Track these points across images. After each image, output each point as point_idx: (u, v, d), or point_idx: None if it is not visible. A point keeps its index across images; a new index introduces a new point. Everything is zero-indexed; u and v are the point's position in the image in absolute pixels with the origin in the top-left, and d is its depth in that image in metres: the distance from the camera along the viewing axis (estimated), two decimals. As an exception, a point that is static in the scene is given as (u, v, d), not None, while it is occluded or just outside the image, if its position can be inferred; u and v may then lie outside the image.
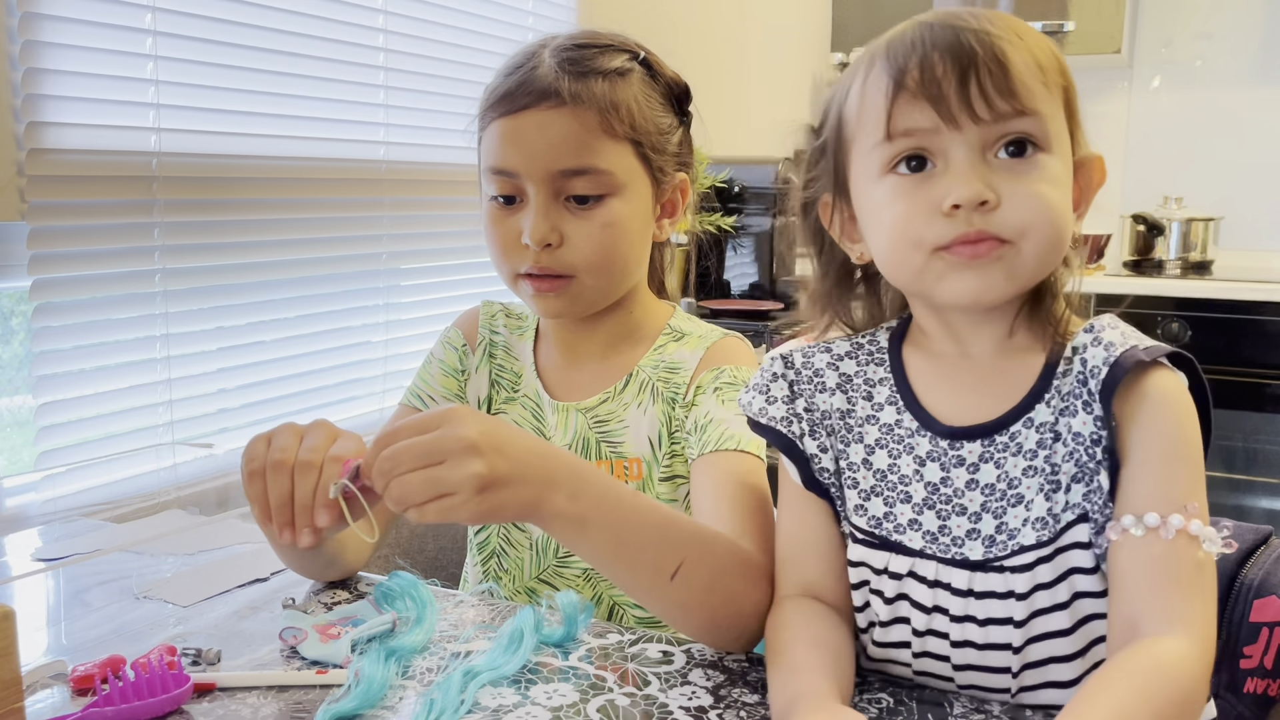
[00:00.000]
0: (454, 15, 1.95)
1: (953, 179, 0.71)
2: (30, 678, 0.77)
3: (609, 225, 0.94)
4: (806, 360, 0.84)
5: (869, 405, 0.81)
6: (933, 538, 0.76)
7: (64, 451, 1.35)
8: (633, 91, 0.95)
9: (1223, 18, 3.24)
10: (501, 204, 0.96)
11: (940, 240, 0.71)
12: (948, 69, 0.70)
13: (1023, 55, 0.71)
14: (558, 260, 0.93)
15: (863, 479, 0.79)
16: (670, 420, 0.98)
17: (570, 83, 0.92)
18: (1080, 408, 0.72)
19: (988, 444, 0.75)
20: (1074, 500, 0.72)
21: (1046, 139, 0.72)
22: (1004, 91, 0.70)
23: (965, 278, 0.72)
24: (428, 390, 1.05)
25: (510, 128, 0.93)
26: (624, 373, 1.01)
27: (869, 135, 0.75)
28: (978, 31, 0.71)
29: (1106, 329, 0.73)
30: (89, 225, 1.35)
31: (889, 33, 0.76)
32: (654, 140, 0.97)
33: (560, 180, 0.93)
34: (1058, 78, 0.73)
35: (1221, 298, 2.75)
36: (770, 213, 2.50)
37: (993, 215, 0.70)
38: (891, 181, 0.74)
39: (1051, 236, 0.71)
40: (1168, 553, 0.67)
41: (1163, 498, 0.68)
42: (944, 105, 0.70)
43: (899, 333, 0.83)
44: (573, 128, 0.92)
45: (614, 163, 0.94)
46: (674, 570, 0.76)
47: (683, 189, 1.02)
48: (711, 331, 1.03)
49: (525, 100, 0.93)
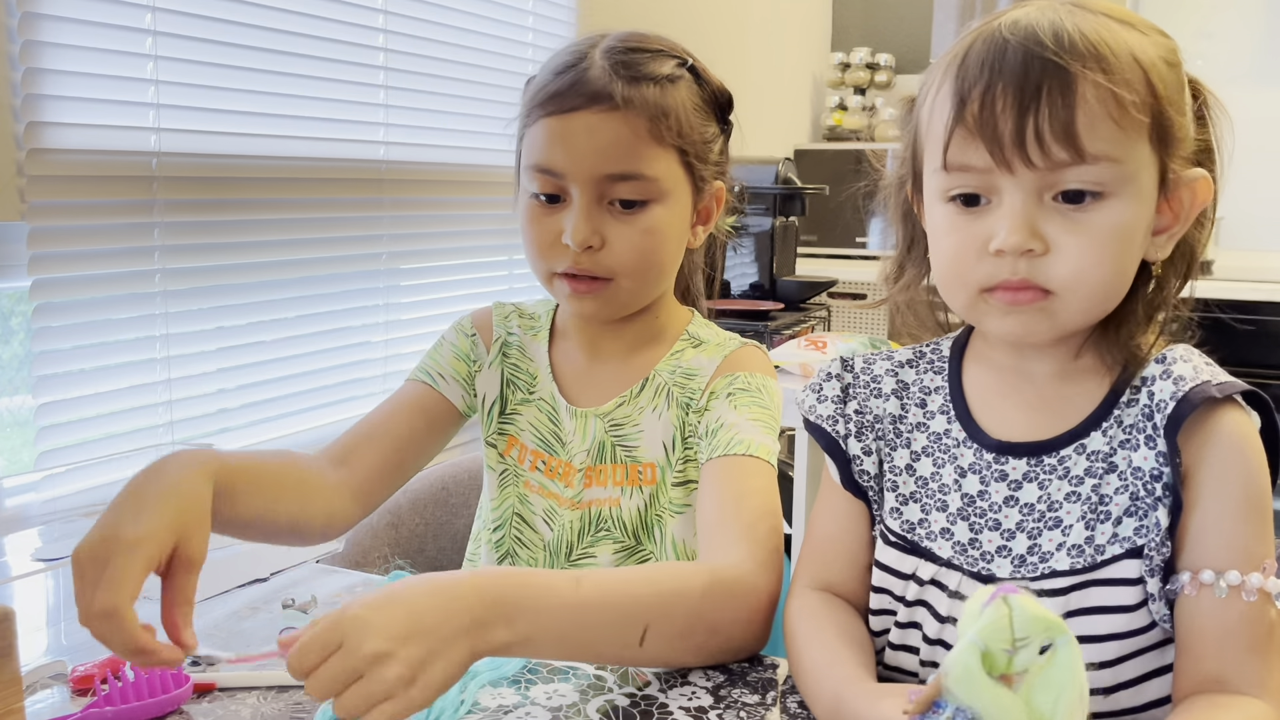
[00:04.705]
0: (454, 15, 1.95)
1: (1001, 221, 0.68)
2: (30, 678, 0.77)
3: (650, 231, 0.93)
4: (866, 365, 0.84)
5: (921, 412, 0.81)
6: (962, 549, 0.75)
7: (64, 451, 1.35)
8: (681, 99, 0.94)
9: (1223, 18, 3.24)
10: (543, 202, 0.95)
11: (985, 282, 0.70)
12: (1008, 105, 0.66)
13: (1098, 89, 0.65)
14: (597, 263, 0.93)
15: (903, 483, 0.79)
16: (685, 426, 0.98)
17: (623, 87, 0.91)
18: (1143, 442, 0.71)
19: (1034, 463, 0.74)
20: (1124, 534, 0.71)
21: (1114, 183, 0.67)
22: (1064, 138, 0.65)
23: (1006, 322, 0.71)
24: (438, 369, 1.04)
25: (559, 128, 0.92)
26: (641, 376, 1.01)
27: (933, 156, 0.72)
28: (1055, 54, 0.66)
29: (1179, 361, 0.72)
30: (89, 225, 1.35)
31: (976, 31, 0.71)
32: (698, 149, 0.96)
33: (606, 184, 0.92)
34: (1144, 108, 0.67)
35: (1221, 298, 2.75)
36: (770, 213, 2.49)
37: (1039, 263, 0.68)
38: (947, 211, 0.72)
39: (1100, 291, 0.69)
40: (1249, 614, 0.67)
41: (1241, 554, 0.68)
42: (999, 148, 0.67)
43: (961, 342, 0.83)
44: (622, 133, 0.91)
45: (660, 170, 0.93)
46: (640, 637, 0.74)
47: (718, 197, 1.02)
48: (730, 340, 1.03)
49: (576, 101, 0.91)
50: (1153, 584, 0.69)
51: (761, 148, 3.23)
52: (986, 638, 0.51)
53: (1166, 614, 0.70)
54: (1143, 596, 0.70)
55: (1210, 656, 0.68)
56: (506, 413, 1.05)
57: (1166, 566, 0.69)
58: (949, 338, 0.84)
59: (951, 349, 0.83)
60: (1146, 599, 0.70)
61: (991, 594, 0.52)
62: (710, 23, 2.95)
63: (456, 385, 1.03)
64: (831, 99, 3.79)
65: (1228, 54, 3.23)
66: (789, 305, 2.46)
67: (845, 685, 0.69)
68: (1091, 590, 0.70)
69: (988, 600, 0.52)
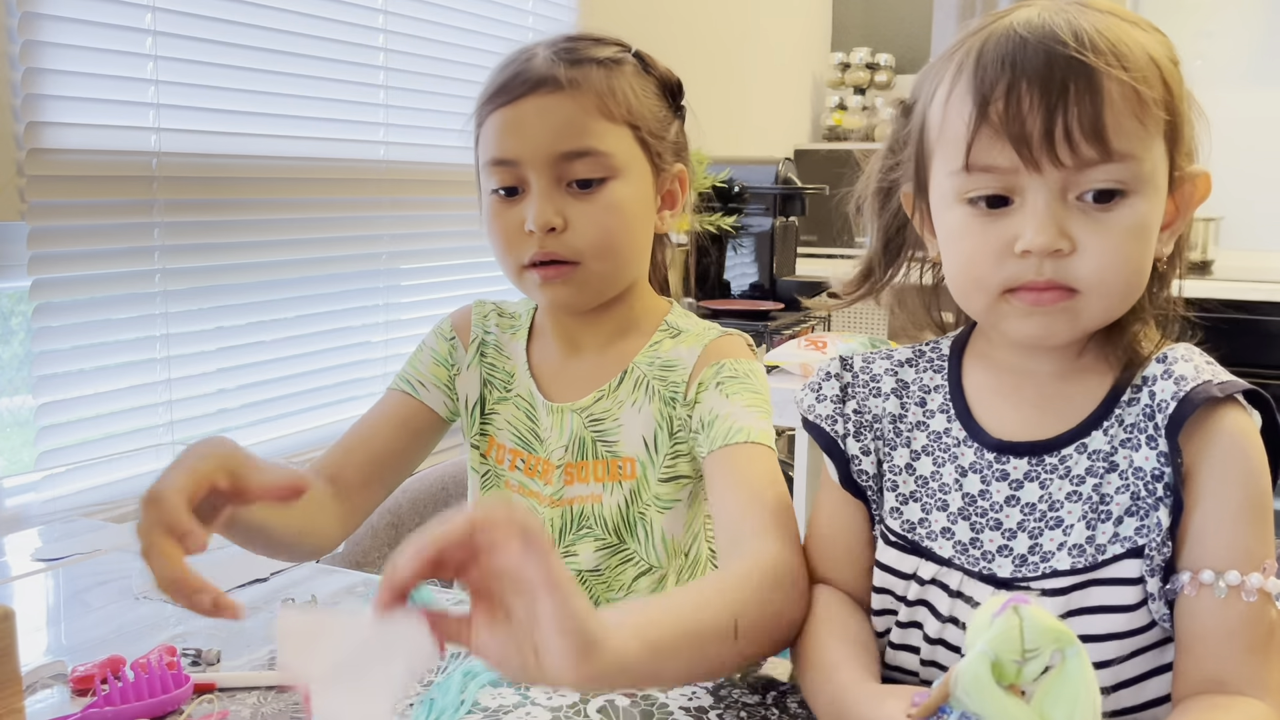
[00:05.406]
0: (454, 15, 1.95)
1: (1027, 221, 0.67)
2: (30, 678, 0.77)
3: (611, 208, 0.94)
4: (865, 364, 0.84)
5: (921, 411, 0.81)
6: (963, 548, 0.75)
7: (64, 451, 1.35)
8: (627, 79, 0.96)
9: (1223, 18, 3.24)
10: (502, 196, 0.95)
11: (1007, 283, 0.69)
12: (1034, 103, 0.65)
13: (1122, 85, 0.65)
14: (563, 245, 0.93)
15: (902, 483, 0.79)
16: (671, 420, 0.98)
17: (566, 69, 0.93)
18: (1144, 442, 0.71)
19: (1035, 463, 0.74)
20: (1125, 534, 0.70)
21: (1136, 181, 0.67)
22: (1092, 136, 0.65)
23: (1028, 323, 0.70)
24: (418, 377, 1.04)
25: (509, 117, 0.93)
26: (619, 369, 1.00)
27: (948, 158, 0.71)
28: (1077, 51, 0.65)
29: (1180, 360, 0.71)
30: (89, 225, 1.35)
31: (987, 29, 0.70)
32: (651, 126, 0.97)
33: (561, 164, 0.92)
34: (1161, 105, 0.67)
35: (1221, 298, 2.75)
36: (770, 213, 2.49)
37: (1065, 263, 0.67)
38: (965, 213, 0.71)
39: (1123, 290, 0.69)
40: (1249, 614, 0.67)
41: (1242, 554, 0.68)
42: (1026, 147, 0.66)
43: (961, 341, 0.83)
44: (572, 111, 0.92)
45: (613, 145, 0.94)
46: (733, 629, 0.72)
47: (681, 180, 1.02)
48: (709, 329, 1.02)
49: (522, 89, 0.93)
50: (1153, 584, 0.69)
51: (761, 148, 3.23)
52: (997, 647, 0.51)
53: (1166, 614, 0.69)
54: (1143, 596, 0.70)
55: (1210, 657, 0.67)
56: (486, 413, 1.05)
57: (1167, 566, 0.69)
58: (949, 336, 0.84)
59: (951, 348, 0.83)
60: (1146, 599, 0.70)
61: (1003, 604, 0.52)
62: (711, 23, 2.95)
63: (437, 392, 1.03)
64: (831, 99, 3.79)
65: (1227, 54, 3.23)
66: (789, 305, 2.46)
67: (847, 685, 0.69)
68: (1092, 590, 0.70)
69: (999, 610, 0.52)
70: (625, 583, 0.99)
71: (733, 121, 3.08)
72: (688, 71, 1.07)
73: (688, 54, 2.74)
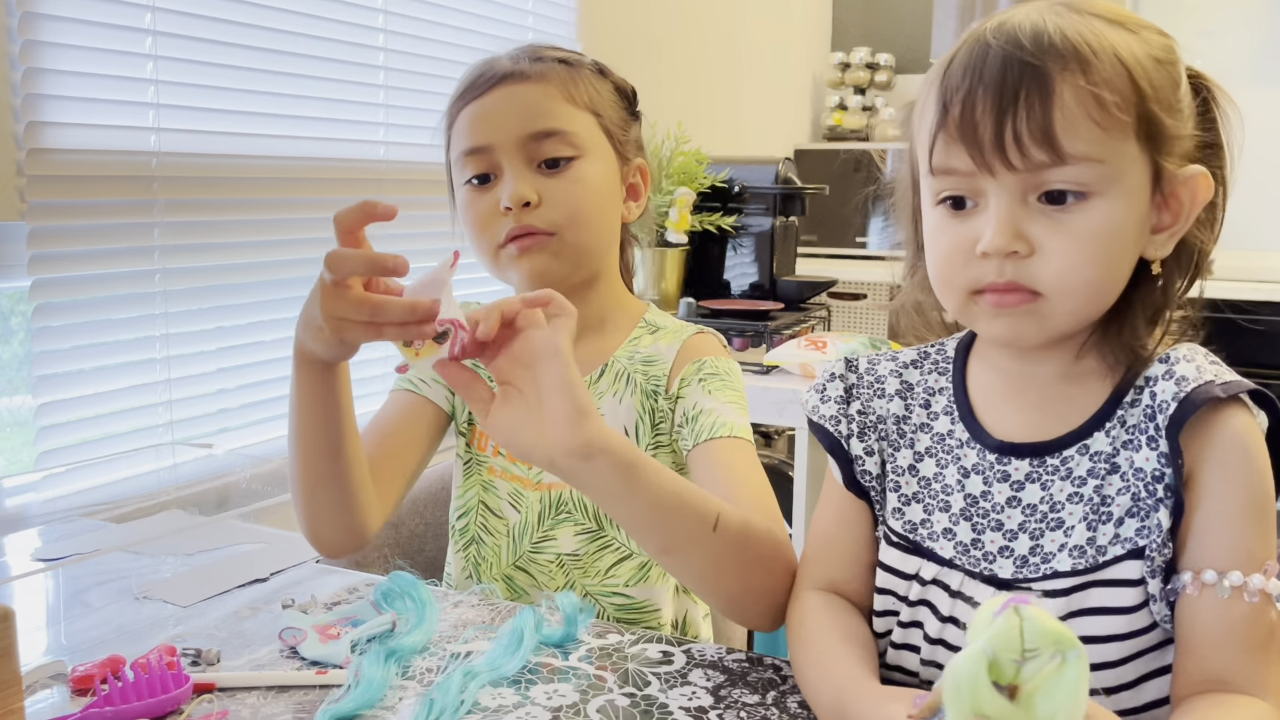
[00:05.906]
0: (454, 15, 1.95)
1: (985, 224, 0.69)
2: (30, 678, 0.77)
3: (580, 181, 0.98)
4: (870, 366, 0.84)
5: (925, 413, 0.81)
6: (964, 549, 0.75)
7: (64, 451, 1.35)
8: (587, 77, 1.02)
9: (1223, 18, 3.24)
10: (475, 186, 1.00)
11: (972, 284, 0.70)
12: (987, 109, 0.66)
13: (1077, 90, 0.65)
14: (538, 217, 0.97)
15: (905, 484, 0.79)
16: (654, 413, 1.01)
17: (530, 64, 0.99)
18: (1145, 443, 0.71)
19: (1036, 464, 0.74)
20: (1125, 535, 0.70)
21: (1099, 183, 0.67)
22: (1042, 139, 0.65)
23: (996, 325, 0.71)
24: (417, 375, 1.05)
25: (477, 108, 0.98)
26: (600, 362, 1.03)
27: (923, 161, 0.73)
28: (1033, 56, 0.66)
29: (1182, 361, 0.71)
30: (89, 225, 1.35)
31: (967, 36, 0.72)
32: (613, 118, 1.03)
33: (531, 146, 0.97)
34: (1127, 107, 0.66)
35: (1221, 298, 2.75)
36: (770, 212, 2.49)
37: (1024, 265, 0.68)
38: (939, 213, 0.73)
39: (1087, 291, 0.69)
40: (1251, 615, 0.67)
41: (1243, 555, 0.68)
42: (979, 151, 0.67)
43: (966, 343, 0.83)
44: (538, 95, 0.98)
45: (579, 127, 0.99)
46: (714, 520, 0.77)
47: (643, 173, 1.07)
48: (685, 327, 1.07)
49: (489, 84, 0.98)
50: (1154, 585, 0.69)
51: (761, 148, 3.23)
52: (996, 646, 0.51)
53: (1167, 615, 0.69)
54: (1144, 597, 0.70)
55: (1211, 657, 0.68)
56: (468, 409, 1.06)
57: (1168, 567, 0.69)
58: (954, 338, 0.84)
59: (956, 350, 0.83)
60: (1147, 600, 0.70)
61: (1004, 603, 0.52)
62: (711, 23, 2.95)
63: (437, 386, 1.05)
64: (831, 99, 3.79)
65: (1228, 54, 3.23)
66: (789, 305, 2.46)
67: (848, 686, 0.69)
68: (1093, 591, 0.70)
69: (1000, 609, 0.52)
70: (604, 568, 1.01)
71: (733, 121, 3.08)
72: (688, 71, 1.08)
73: (688, 54, 2.74)
